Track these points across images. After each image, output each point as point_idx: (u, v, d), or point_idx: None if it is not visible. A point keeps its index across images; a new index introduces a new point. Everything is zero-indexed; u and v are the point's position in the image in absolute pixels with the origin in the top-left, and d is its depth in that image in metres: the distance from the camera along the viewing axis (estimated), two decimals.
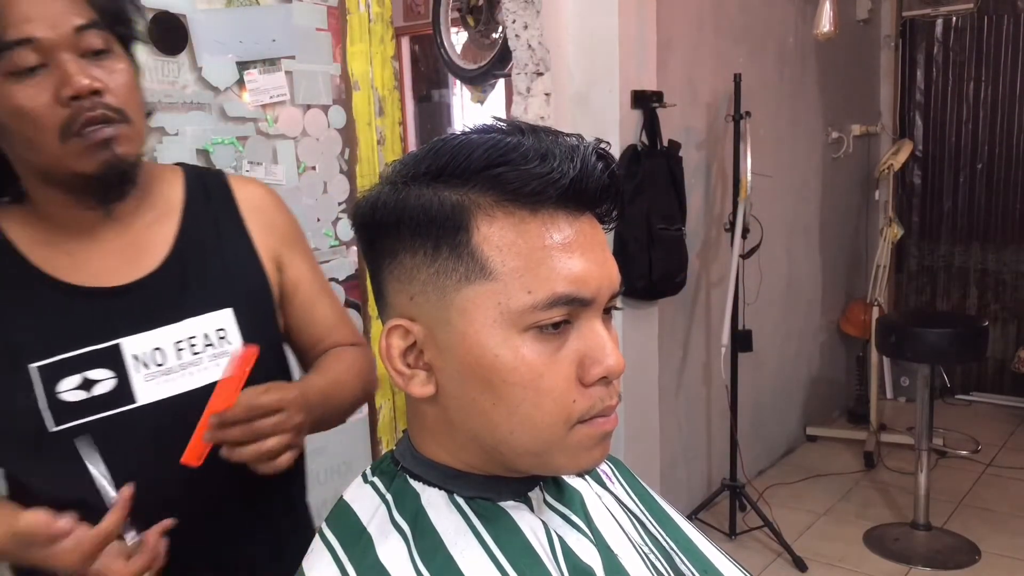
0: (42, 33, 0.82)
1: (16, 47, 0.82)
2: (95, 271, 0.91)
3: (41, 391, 0.88)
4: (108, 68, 0.87)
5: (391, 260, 0.65)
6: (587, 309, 0.63)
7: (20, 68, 0.83)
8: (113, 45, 0.88)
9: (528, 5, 2.26)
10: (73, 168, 0.87)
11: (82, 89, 0.83)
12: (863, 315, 3.78)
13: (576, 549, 0.67)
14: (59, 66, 0.83)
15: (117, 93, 0.87)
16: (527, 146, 0.61)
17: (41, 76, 0.83)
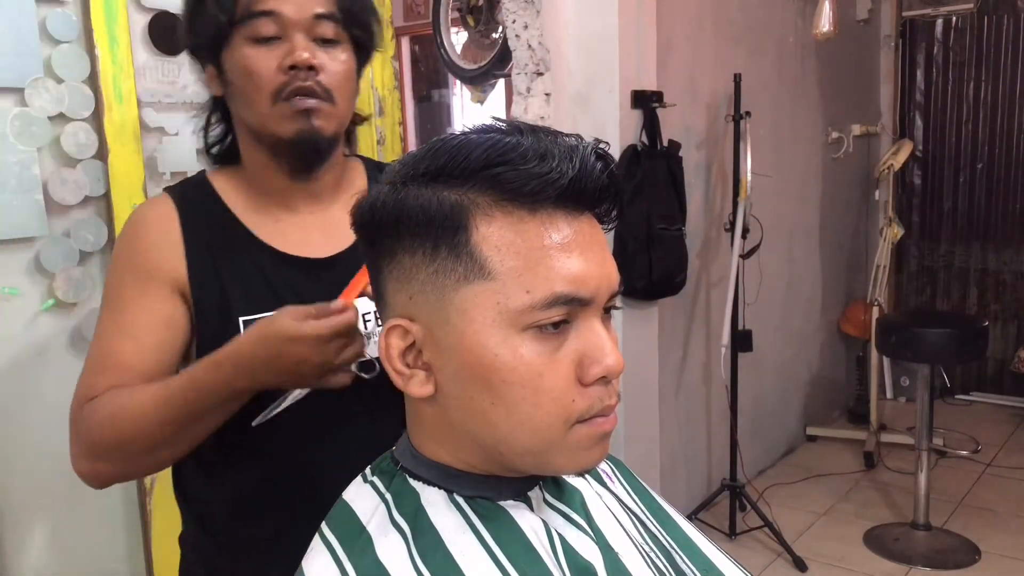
0: (286, 11, 0.94)
1: (261, 17, 0.94)
2: (296, 241, 1.00)
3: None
4: (332, 56, 0.97)
5: (390, 260, 0.65)
6: (586, 309, 0.63)
7: (259, 35, 0.95)
8: (344, 40, 0.99)
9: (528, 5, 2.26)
10: (274, 130, 0.96)
11: (301, 61, 0.94)
12: (863, 315, 3.78)
13: (577, 547, 0.67)
14: (290, 41, 0.95)
15: (331, 76, 0.97)
16: (526, 146, 0.61)
17: (274, 46, 0.95)
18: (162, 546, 1.58)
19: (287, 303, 0.95)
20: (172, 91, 1.59)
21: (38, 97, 1.40)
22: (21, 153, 1.38)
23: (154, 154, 1.56)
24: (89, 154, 1.47)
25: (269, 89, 0.95)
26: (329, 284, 0.95)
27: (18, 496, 1.43)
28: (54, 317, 1.46)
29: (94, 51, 1.46)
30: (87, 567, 1.52)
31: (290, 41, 0.95)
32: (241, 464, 0.98)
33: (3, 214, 1.36)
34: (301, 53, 0.94)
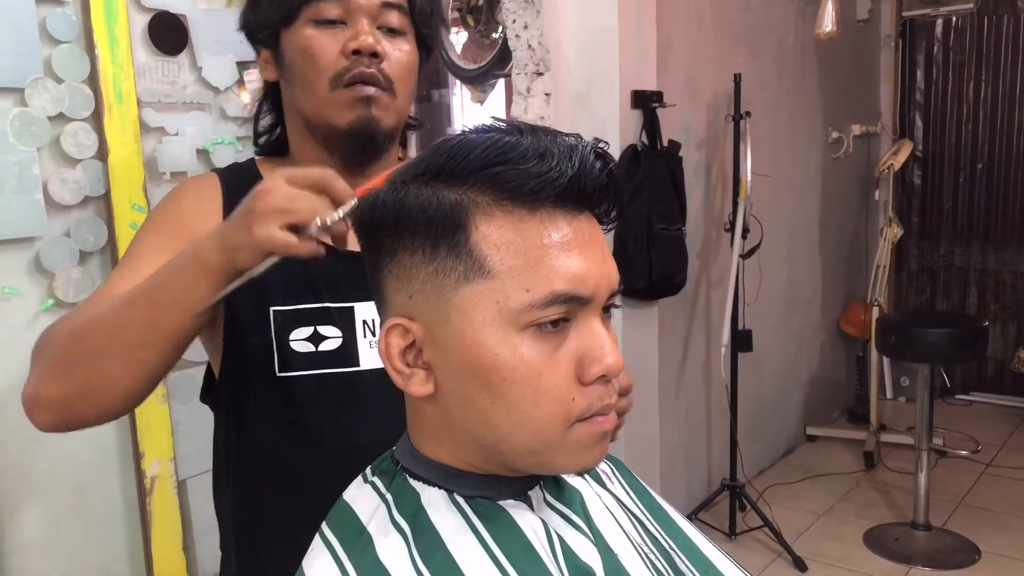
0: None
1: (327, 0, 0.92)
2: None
3: (273, 335, 0.93)
4: (396, 46, 0.95)
5: (390, 259, 0.65)
6: (586, 308, 0.63)
7: (323, 17, 0.93)
8: (408, 33, 0.97)
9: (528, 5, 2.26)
10: (330, 119, 0.94)
11: (365, 46, 0.92)
12: (863, 315, 3.78)
13: (576, 549, 0.67)
14: (355, 25, 0.93)
15: (394, 66, 0.94)
16: (525, 145, 0.61)
17: (338, 30, 0.93)
18: (162, 546, 1.58)
19: (323, 297, 0.94)
20: (172, 91, 1.59)
21: (38, 97, 1.40)
22: (21, 153, 1.38)
23: (154, 154, 1.56)
24: (89, 154, 1.47)
25: (329, 73, 0.92)
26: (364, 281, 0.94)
27: (18, 496, 1.43)
28: (54, 317, 1.45)
29: (94, 51, 1.46)
30: (87, 567, 1.52)
31: (355, 26, 0.93)
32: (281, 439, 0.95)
33: (3, 214, 1.36)
34: (366, 38, 0.92)
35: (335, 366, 0.94)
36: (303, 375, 0.93)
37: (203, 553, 1.66)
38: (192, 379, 1.62)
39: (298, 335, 0.93)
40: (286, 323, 0.93)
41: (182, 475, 1.63)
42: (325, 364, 0.94)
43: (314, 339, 0.94)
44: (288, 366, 0.93)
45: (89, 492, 1.52)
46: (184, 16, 1.59)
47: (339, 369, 0.94)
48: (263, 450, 0.97)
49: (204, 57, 1.62)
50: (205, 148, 1.64)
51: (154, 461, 1.57)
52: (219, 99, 1.66)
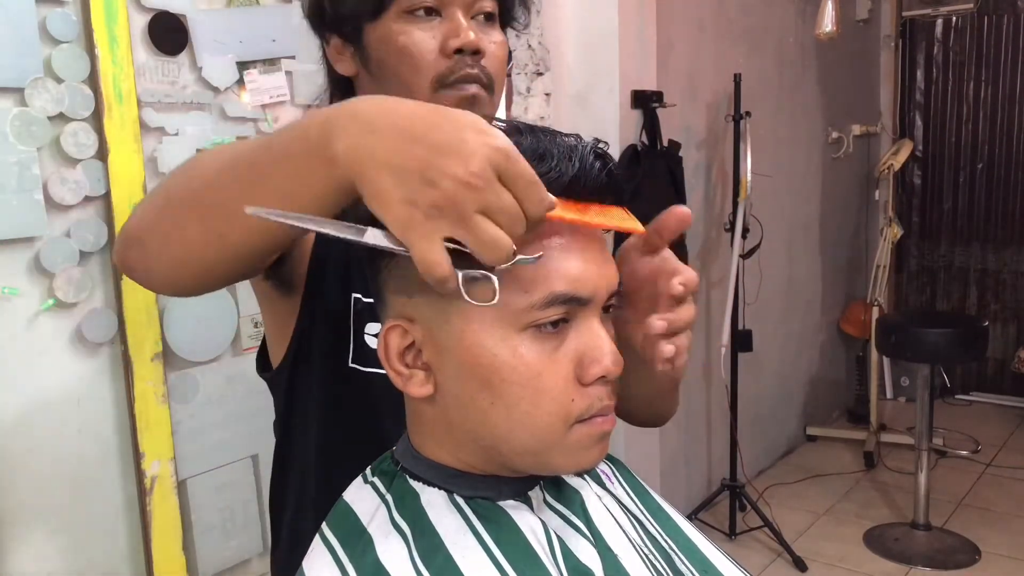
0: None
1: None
2: None
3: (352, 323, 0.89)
4: (491, 36, 0.89)
5: (390, 259, 0.65)
6: (585, 308, 0.63)
7: (416, 7, 0.85)
8: (498, 17, 0.91)
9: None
10: None
11: (470, 44, 0.85)
12: (863, 315, 3.78)
13: (576, 550, 0.67)
14: (451, 19, 0.86)
15: (493, 61, 0.89)
16: (525, 146, 0.61)
17: (432, 23, 0.86)
18: (162, 546, 1.58)
19: None
20: (172, 91, 1.59)
21: (38, 97, 1.40)
22: (21, 153, 1.38)
23: (154, 154, 1.56)
24: (89, 154, 1.47)
25: (431, 74, 0.86)
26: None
27: (18, 496, 1.43)
28: (54, 317, 1.46)
29: (94, 51, 1.46)
30: (87, 567, 1.52)
31: (451, 18, 0.86)
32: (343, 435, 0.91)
33: (3, 214, 1.36)
34: (468, 34, 0.85)
35: None
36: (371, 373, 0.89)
37: (203, 553, 1.66)
38: (192, 379, 1.62)
39: (373, 328, 0.89)
40: (363, 313, 0.89)
41: (182, 475, 1.63)
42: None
43: None
44: (360, 359, 0.89)
45: (89, 492, 1.52)
46: (184, 16, 1.59)
47: None
48: (320, 442, 0.93)
49: (204, 57, 1.62)
50: (205, 148, 1.64)
51: (154, 461, 1.56)
52: (219, 99, 1.66)
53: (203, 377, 1.64)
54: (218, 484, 1.67)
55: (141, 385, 1.53)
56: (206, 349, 1.63)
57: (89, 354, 1.50)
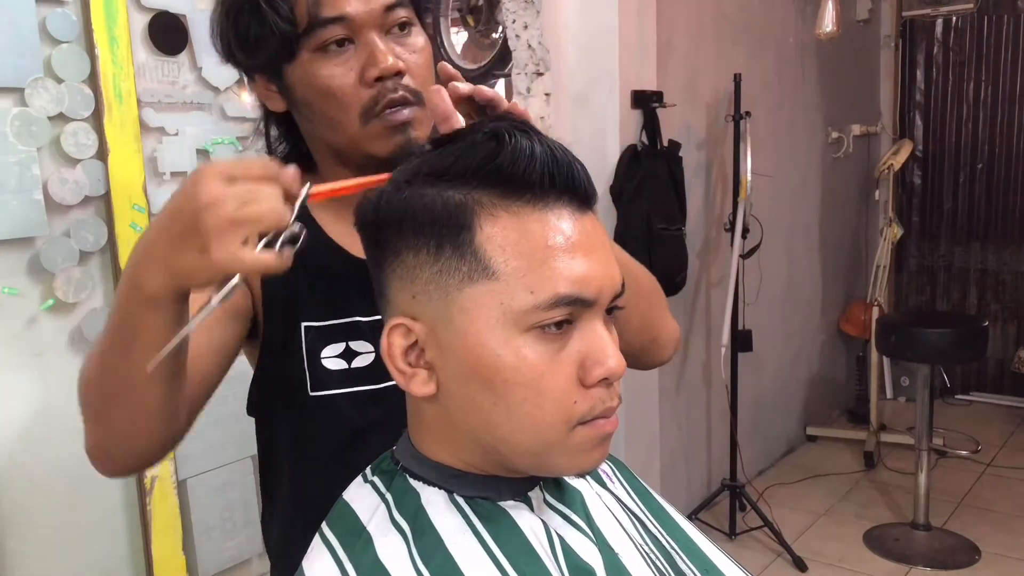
0: (353, 11, 0.83)
1: (329, 24, 0.82)
2: None
3: (305, 353, 0.88)
4: (410, 47, 0.87)
5: (393, 259, 0.65)
6: (589, 310, 0.63)
7: (327, 42, 0.83)
8: (414, 20, 0.88)
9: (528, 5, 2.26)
10: (367, 150, 0.86)
11: (388, 69, 0.83)
12: (863, 315, 3.77)
13: (576, 548, 0.67)
14: (366, 44, 0.83)
15: (417, 74, 0.86)
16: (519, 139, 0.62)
17: (347, 53, 0.84)
18: (162, 546, 1.58)
19: (353, 310, 0.88)
20: (172, 91, 1.59)
21: (38, 97, 1.40)
22: (21, 153, 1.38)
23: (154, 154, 1.56)
24: (89, 154, 1.47)
25: (356, 109, 0.84)
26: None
27: (18, 496, 1.43)
28: (54, 317, 1.46)
29: (94, 51, 1.46)
30: (87, 567, 1.52)
31: (366, 45, 0.83)
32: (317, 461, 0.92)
33: (3, 214, 1.36)
34: (386, 59, 0.83)
35: (369, 383, 0.89)
36: (336, 395, 0.89)
37: (203, 553, 1.66)
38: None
39: (330, 352, 0.89)
40: (317, 340, 0.89)
41: (182, 475, 1.63)
42: (359, 381, 0.90)
43: (346, 355, 0.89)
44: (320, 385, 0.89)
45: (89, 492, 1.52)
46: (184, 16, 1.59)
47: (374, 386, 0.89)
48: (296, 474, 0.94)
49: (204, 57, 1.62)
50: (205, 148, 1.64)
51: None
52: (219, 99, 1.66)
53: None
54: (218, 484, 1.68)
55: None
56: None
57: None
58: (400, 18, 0.85)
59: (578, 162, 0.64)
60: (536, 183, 0.61)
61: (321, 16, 0.82)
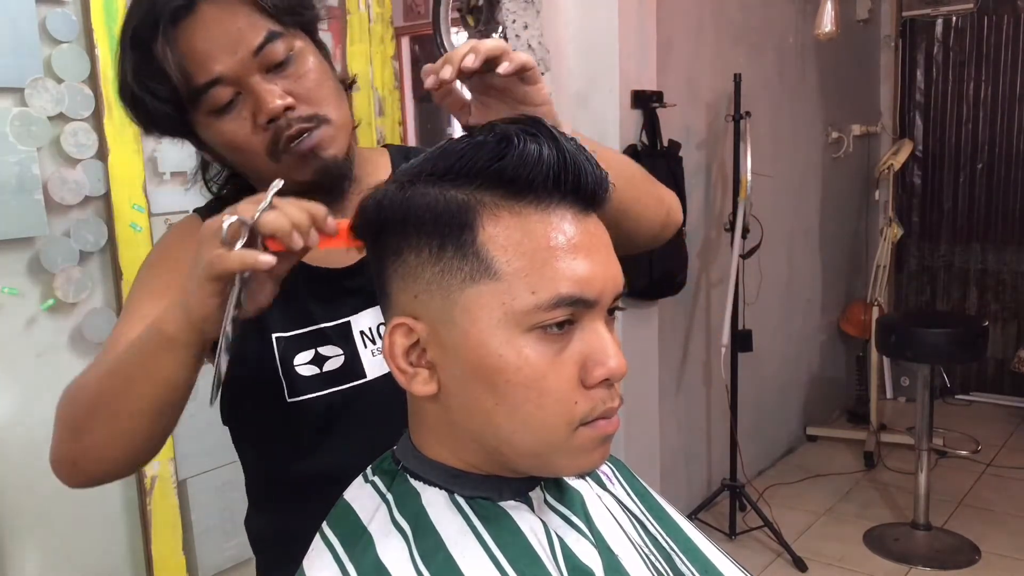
0: (225, 68, 0.83)
1: (209, 89, 0.84)
2: (325, 255, 0.88)
3: (278, 362, 0.92)
4: (294, 75, 0.87)
5: (396, 258, 0.65)
6: (591, 311, 0.63)
7: (218, 105, 0.85)
8: (296, 43, 0.88)
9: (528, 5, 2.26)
10: (293, 178, 0.86)
11: (273, 112, 0.84)
12: (863, 315, 3.77)
13: (576, 550, 0.67)
14: (250, 91, 0.85)
15: (308, 99, 0.87)
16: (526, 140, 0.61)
17: (239, 106, 0.86)
18: (162, 546, 1.58)
19: (316, 318, 0.93)
20: None
21: (38, 97, 1.40)
22: (21, 153, 1.38)
23: (154, 154, 1.56)
24: (89, 154, 1.47)
25: (260, 151, 0.87)
26: (357, 292, 0.93)
27: (18, 496, 1.43)
28: (54, 317, 1.46)
29: (94, 51, 1.46)
30: (87, 568, 1.52)
31: (249, 91, 0.84)
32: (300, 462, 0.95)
33: (3, 214, 1.36)
34: (268, 104, 0.84)
35: (342, 383, 0.93)
36: (312, 398, 0.92)
37: (203, 553, 1.66)
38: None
39: (301, 359, 0.92)
40: (288, 349, 0.92)
41: (182, 475, 1.63)
42: (332, 383, 0.93)
43: (317, 361, 0.93)
44: (297, 391, 0.92)
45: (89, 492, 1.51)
46: None
47: (346, 385, 0.93)
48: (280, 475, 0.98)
49: None
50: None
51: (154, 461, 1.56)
52: None
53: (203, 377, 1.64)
54: (218, 484, 1.67)
55: None
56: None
57: (89, 354, 1.50)
58: (276, 55, 0.85)
59: (590, 163, 0.64)
60: (540, 186, 0.61)
61: (197, 84, 0.83)
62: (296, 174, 0.87)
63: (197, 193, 1.08)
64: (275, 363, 0.92)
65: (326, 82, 0.90)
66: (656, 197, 1.01)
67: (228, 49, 0.83)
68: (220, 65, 0.83)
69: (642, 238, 1.01)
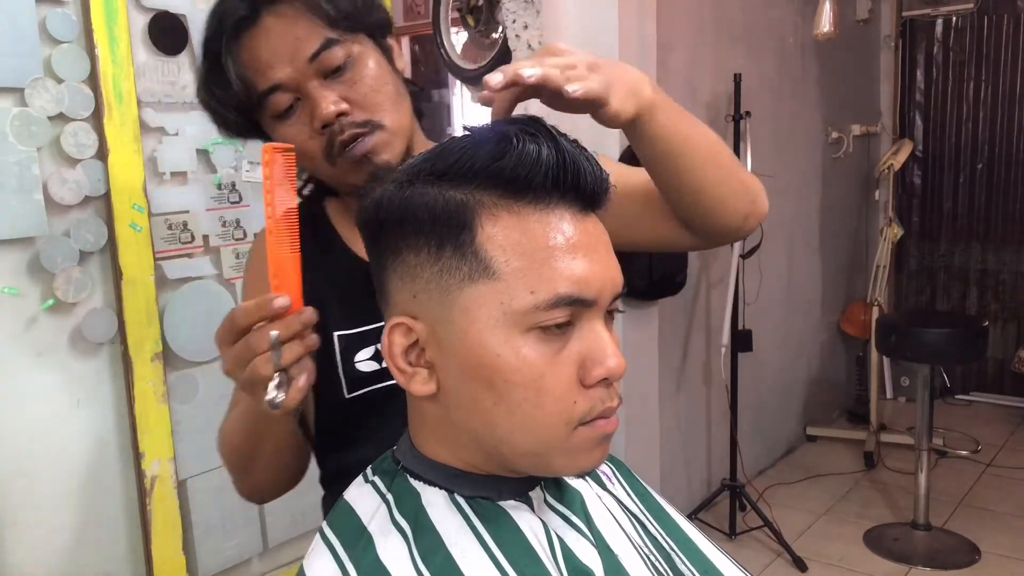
0: (283, 75, 0.87)
1: (270, 95, 0.88)
2: None
3: (339, 359, 0.95)
4: (350, 81, 0.90)
5: (394, 258, 0.65)
6: (589, 310, 0.63)
7: (279, 111, 0.89)
8: (354, 48, 0.90)
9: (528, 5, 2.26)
10: (348, 181, 0.92)
11: (327, 118, 0.87)
12: (863, 315, 3.77)
13: (576, 550, 0.67)
14: (307, 96, 0.88)
15: (364, 105, 0.90)
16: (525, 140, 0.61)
17: (298, 111, 0.90)
18: (162, 546, 1.58)
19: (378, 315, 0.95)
20: (172, 91, 1.59)
21: (38, 97, 1.40)
22: (21, 153, 1.38)
23: (154, 154, 1.56)
24: (89, 154, 1.47)
25: (318, 154, 0.90)
26: None
27: (18, 496, 1.43)
28: (54, 317, 1.46)
29: (94, 51, 1.46)
30: (87, 567, 1.52)
31: (307, 97, 0.88)
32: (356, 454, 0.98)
33: (3, 214, 1.36)
34: (322, 110, 0.87)
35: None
36: (370, 391, 0.96)
37: (203, 553, 1.66)
38: (192, 379, 1.62)
39: (363, 355, 0.95)
40: (350, 346, 0.95)
41: (182, 475, 1.63)
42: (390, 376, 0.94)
43: (377, 357, 0.95)
44: (355, 387, 0.96)
45: (89, 492, 1.52)
46: (184, 16, 1.59)
47: None
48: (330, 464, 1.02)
49: None
50: (205, 148, 1.64)
51: (154, 461, 1.56)
52: None
53: (203, 377, 1.64)
54: (218, 484, 1.67)
55: (141, 385, 1.53)
56: (206, 349, 1.63)
57: (89, 354, 1.50)
58: (332, 61, 0.88)
59: (590, 163, 0.64)
60: (539, 186, 0.61)
61: (259, 91, 0.88)
62: (351, 178, 0.91)
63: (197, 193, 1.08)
64: (335, 360, 0.94)
65: (383, 88, 0.92)
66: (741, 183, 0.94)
67: (286, 57, 0.87)
68: (279, 72, 0.87)
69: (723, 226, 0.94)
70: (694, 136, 0.87)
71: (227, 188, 1.68)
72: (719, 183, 0.90)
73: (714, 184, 0.90)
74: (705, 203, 0.90)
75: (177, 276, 1.60)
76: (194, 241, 1.62)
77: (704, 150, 0.87)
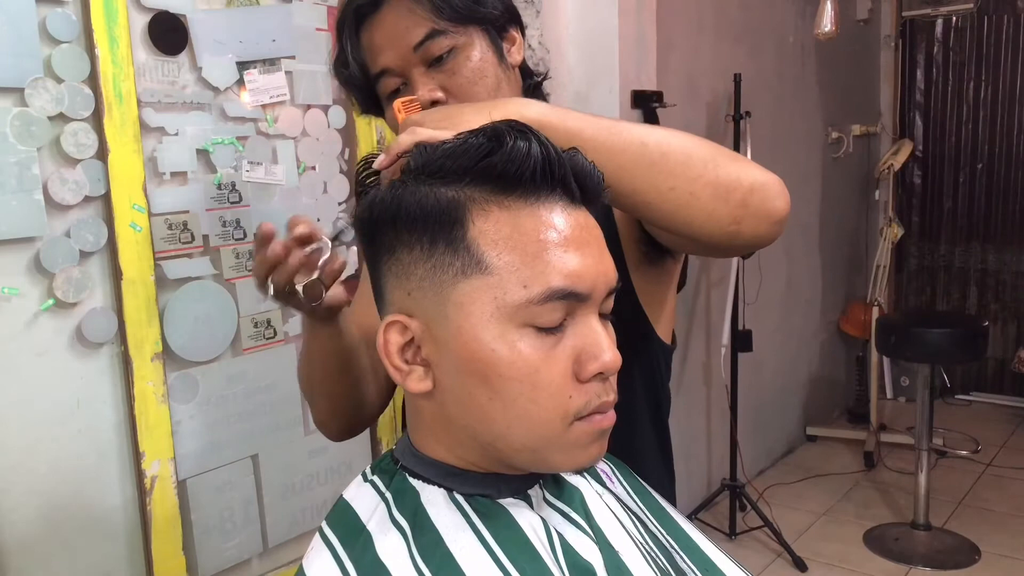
0: (389, 61, 0.94)
1: (381, 77, 0.95)
2: None
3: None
4: (450, 71, 0.93)
5: (388, 256, 0.65)
6: (584, 305, 0.63)
7: (387, 93, 0.96)
8: (460, 39, 0.93)
9: (528, 5, 2.26)
10: None
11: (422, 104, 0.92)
12: (863, 315, 3.78)
13: (576, 546, 0.67)
14: (411, 81, 0.94)
15: (459, 94, 0.93)
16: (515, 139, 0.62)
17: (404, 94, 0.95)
18: (162, 546, 1.58)
19: None
20: (172, 91, 1.59)
21: (38, 97, 1.40)
22: (21, 153, 1.38)
23: (154, 154, 1.56)
24: (89, 154, 1.47)
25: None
26: None
27: (18, 496, 1.43)
28: (54, 317, 1.46)
29: (94, 51, 1.46)
30: (87, 567, 1.52)
31: (411, 82, 0.94)
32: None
33: (3, 214, 1.36)
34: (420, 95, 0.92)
35: None
36: None
37: (203, 553, 1.66)
38: (192, 379, 1.62)
39: None
40: None
41: (182, 475, 1.63)
42: None
43: None
44: None
45: (89, 492, 1.52)
46: (184, 16, 1.59)
47: None
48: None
49: (204, 57, 1.62)
50: (205, 148, 1.64)
51: (154, 461, 1.56)
52: (219, 99, 1.66)
53: (203, 377, 1.64)
54: (218, 484, 1.67)
55: (141, 385, 1.53)
56: (206, 349, 1.63)
57: (89, 354, 1.50)
58: (434, 50, 0.92)
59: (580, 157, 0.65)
60: (529, 180, 0.62)
61: (373, 72, 0.96)
62: None
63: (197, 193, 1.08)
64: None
65: (481, 80, 0.95)
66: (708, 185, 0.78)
67: (394, 44, 0.93)
68: (386, 58, 0.94)
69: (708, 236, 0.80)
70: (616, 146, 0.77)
71: (227, 188, 1.68)
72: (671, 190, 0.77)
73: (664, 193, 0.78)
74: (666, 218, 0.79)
75: (177, 276, 1.60)
76: (194, 241, 1.62)
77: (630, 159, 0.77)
